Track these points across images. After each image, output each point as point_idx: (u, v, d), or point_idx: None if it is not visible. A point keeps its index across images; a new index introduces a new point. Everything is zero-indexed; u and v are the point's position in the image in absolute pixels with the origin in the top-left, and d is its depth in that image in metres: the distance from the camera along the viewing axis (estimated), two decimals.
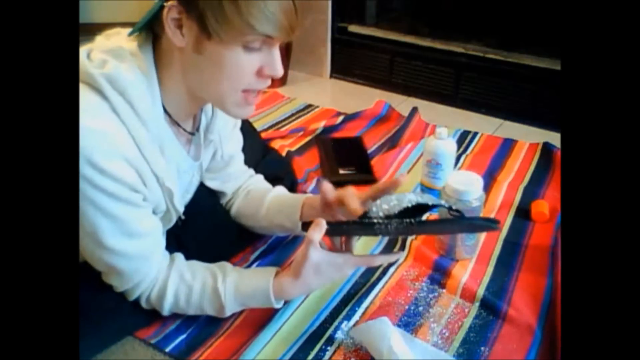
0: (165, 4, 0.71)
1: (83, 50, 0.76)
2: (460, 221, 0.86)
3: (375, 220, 0.79)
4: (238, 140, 1.06)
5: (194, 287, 0.86)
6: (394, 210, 0.80)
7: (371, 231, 0.82)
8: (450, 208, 0.86)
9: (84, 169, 0.69)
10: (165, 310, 0.88)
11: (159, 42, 0.78)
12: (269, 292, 0.85)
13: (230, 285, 0.86)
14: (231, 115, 0.84)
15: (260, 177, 1.13)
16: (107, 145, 0.71)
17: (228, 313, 0.89)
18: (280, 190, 1.09)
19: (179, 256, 0.90)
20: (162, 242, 0.87)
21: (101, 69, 0.73)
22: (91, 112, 0.71)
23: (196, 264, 0.90)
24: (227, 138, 1.00)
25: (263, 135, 1.56)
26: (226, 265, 0.91)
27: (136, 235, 0.79)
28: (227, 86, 0.77)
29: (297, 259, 0.83)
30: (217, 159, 1.00)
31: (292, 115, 1.78)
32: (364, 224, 0.81)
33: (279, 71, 0.77)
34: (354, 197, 0.86)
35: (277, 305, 0.88)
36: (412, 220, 0.78)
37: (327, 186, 0.90)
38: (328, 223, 0.80)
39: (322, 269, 0.83)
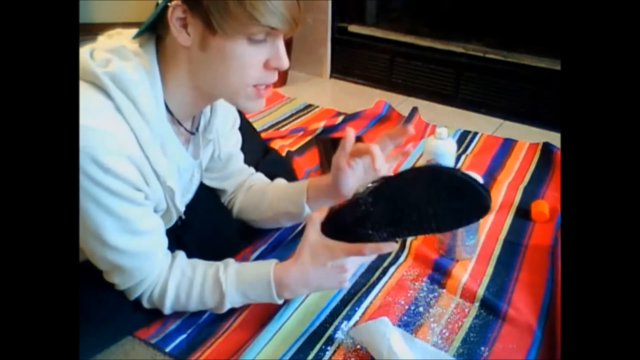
0: (169, 4, 0.72)
1: (85, 49, 0.77)
2: (437, 173, 0.79)
3: (358, 196, 0.79)
4: (237, 139, 1.06)
5: (195, 278, 0.87)
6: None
7: (358, 209, 0.80)
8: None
9: (88, 167, 0.70)
10: (167, 308, 0.88)
11: (162, 42, 0.79)
12: (270, 277, 0.86)
13: (232, 273, 0.87)
14: (242, 109, 0.85)
15: (261, 174, 1.14)
16: (111, 143, 0.71)
17: (228, 305, 0.88)
18: (282, 180, 1.11)
19: (181, 254, 0.91)
20: (165, 240, 0.87)
21: (105, 68, 0.74)
22: (95, 111, 0.72)
23: (197, 261, 0.91)
24: (226, 137, 1.01)
25: (263, 135, 1.56)
26: (228, 259, 0.92)
27: (139, 233, 0.80)
28: (237, 80, 0.77)
29: (297, 248, 0.85)
30: (215, 159, 1.01)
31: (292, 115, 1.78)
32: (349, 201, 0.82)
33: (285, 63, 0.78)
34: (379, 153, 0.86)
35: (279, 300, 0.88)
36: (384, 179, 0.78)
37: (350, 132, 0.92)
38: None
39: (317, 252, 0.83)
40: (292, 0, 0.74)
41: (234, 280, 0.87)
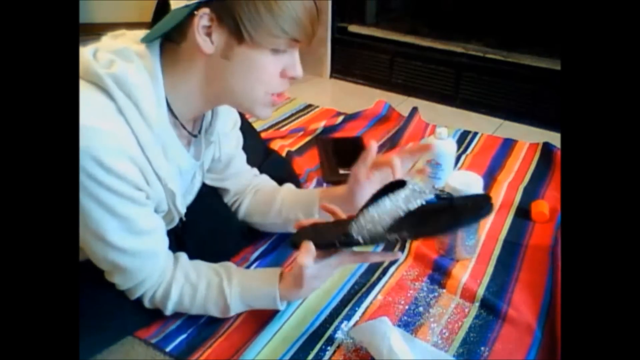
0: (196, 12, 0.73)
1: (89, 50, 0.77)
2: (448, 213, 0.80)
3: (360, 239, 0.78)
4: (237, 140, 1.06)
5: (199, 287, 0.87)
6: (377, 229, 0.78)
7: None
8: (438, 197, 0.82)
9: (90, 166, 0.70)
10: (169, 310, 0.88)
11: (172, 47, 0.79)
12: (276, 297, 0.88)
13: (236, 287, 0.88)
14: (255, 116, 0.87)
15: (266, 176, 1.14)
16: (113, 144, 0.71)
17: (232, 314, 0.90)
18: (291, 186, 1.11)
19: (183, 255, 0.91)
20: (166, 240, 0.87)
21: (108, 69, 0.74)
22: (97, 111, 0.72)
23: (200, 264, 0.91)
24: (226, 138, 1.01)
25: (263, 135, 1.56)
26: (230, 265, 0.92)
27: (140, 232, 0.80)
28: (256, 89, 0.80)
29: (295, 273, 0.84)
30: (216, 160, 1.01)
31: (292, 115, 1.79)
32: (346, 243, 0.81)
33: (300, 72, 0.82)
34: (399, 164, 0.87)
35: (281, 308, 0.90)
36: (397, 237, 0.78)
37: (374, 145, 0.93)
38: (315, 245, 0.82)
39: (322, 274, 0.86)
40: (314, 14, 0.77)
41: (238, 293, 0.88)
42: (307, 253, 0.81)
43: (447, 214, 0.80)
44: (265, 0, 0.73)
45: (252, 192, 1.10)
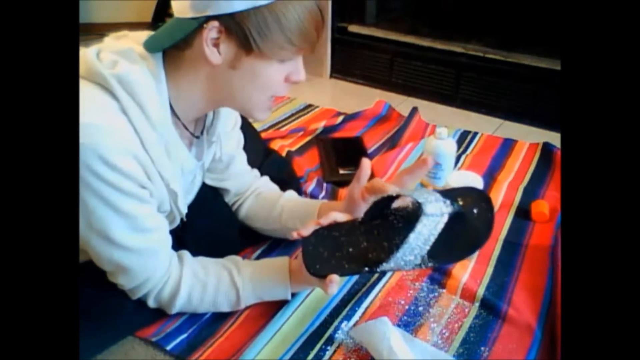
0: (205, 25, 0.73)
1: (92, 50, 0.77)
2: (462, 229, 0.83)
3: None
4: (238, 140, 1.06)
5: (208, 283, 0.88)
6: (407, 267, 0.80)
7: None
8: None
9: (95, 164, 0.70)
10: (176, 308, 0.88)
11: (176, 53, 0.79)
12: (287, 289, 0.91)
13: (248, 279, 0.89)
14: (254, 119, 0.88)
15: (267, 179, 1.14)
16: (117, 141, 0.72)
17: (242, 307, 0.92)
18: (293, 194, 1.11)
19: (187, 253, 0.91)
20: (169, 238, 0.87)
21: (112, 70, 0.74)
22: (101, 110, 0.72)
23: (206, 260, 0.91)
24: (227, 138, 1.01)
25: (263, 135, 1.56)
26: (237, 258, 0.93)
27: (144, 230, 0.80)
28: (260, 95, 0.82)
29: (311, 280, 0.84)
30: (217, 160, 1.01)
31: (292, 115, 1.79)
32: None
33: (303, 76, 0.84)
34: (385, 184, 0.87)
35: (290, 298, 0.93)
36: (424, 267, 0.80)
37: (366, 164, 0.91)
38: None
39: None
40: (319, 23, 0.78)
41: (250, 285, 0.89)
42: (335, 285, 0.81)
43: (462, 230, 0.83)
44: (273, 13, 0.73)
45: (253, 194, 1.10)
